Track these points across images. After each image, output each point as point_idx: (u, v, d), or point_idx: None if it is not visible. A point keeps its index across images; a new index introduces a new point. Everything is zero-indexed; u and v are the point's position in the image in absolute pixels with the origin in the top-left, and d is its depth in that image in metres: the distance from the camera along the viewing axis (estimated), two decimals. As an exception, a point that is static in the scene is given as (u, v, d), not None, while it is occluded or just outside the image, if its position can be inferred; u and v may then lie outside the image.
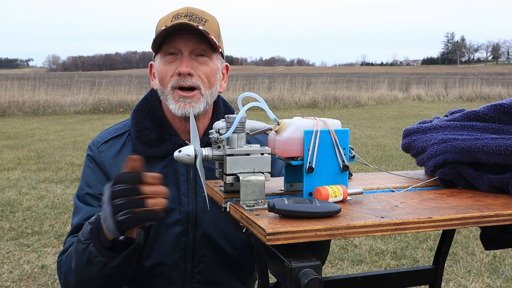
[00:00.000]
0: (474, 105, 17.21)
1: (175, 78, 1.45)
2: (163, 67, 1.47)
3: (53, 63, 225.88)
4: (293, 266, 0.80)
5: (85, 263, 1.26)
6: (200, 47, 1.45)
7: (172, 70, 1.45)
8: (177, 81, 1.45)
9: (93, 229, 1.26)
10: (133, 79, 20.66)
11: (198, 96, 1.46)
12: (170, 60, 1.46)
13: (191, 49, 1.45)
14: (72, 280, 1.33)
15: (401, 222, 0.88)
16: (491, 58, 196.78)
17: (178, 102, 1.46)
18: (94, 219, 1.28)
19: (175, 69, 1.45)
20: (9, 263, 3.91)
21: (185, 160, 1.08)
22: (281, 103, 17.80)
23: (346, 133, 1.03)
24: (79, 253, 1.27)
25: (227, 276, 1.56)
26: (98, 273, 1.26)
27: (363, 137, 10.49)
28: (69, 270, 1.33)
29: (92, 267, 1.25)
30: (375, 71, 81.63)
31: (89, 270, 1.27)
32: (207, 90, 1.48)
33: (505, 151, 1.07)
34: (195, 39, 1.44)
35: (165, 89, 1.48)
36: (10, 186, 6.21)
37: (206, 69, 1.47)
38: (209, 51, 1.47)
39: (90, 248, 1.24)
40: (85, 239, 1.26)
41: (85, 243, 1.25)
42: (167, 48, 1.45)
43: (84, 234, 1.27)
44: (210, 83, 1.49)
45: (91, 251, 1.24)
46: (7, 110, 15.04)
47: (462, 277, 3.70)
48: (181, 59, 1.45)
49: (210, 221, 1.50)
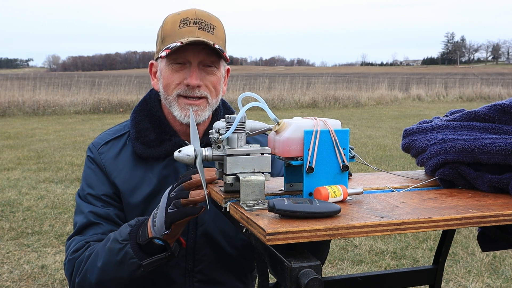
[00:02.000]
0: (474, 105, 17.22)
1: (183, 87, 1.45)
2: (170, 75, 1.46)
3: (53, 63, 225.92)
4: (293, 266, 0.80)
5: (117, 262, 1.27)
6: (210, 59, 1.46)
7: (179, 79, 1.45)
8: (184, 91, 1.45)
9: (132, 231, 1.28)
10: (133, 79, 20.66)
11: (205, 104, 1.48)
12: (178, 68, 1.46)
13: (201, 60, 1.45)
14: (92, 279, 1.33)
15: (401, 222, 0.88)
16: (491, 58, 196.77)
17: (184, 110, 1.46)
18: (134, 221, 1.31)
19: (182, 78, 1.45)
20: (9, 263, 3.91)
21: (185, 160, 1.08)
22: (281, 103, 17.80)
23: (346, 133, 1.02)
24: (113, 252, 1.28)
25: (228, 275, 1.57)
26: (127, 275, 1.27)
27: (363, 137, 10.49)
28: (92, 268, 1.33)
29: (124, 268, 1.27)
30: (375, 71, 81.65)
31: (119, 271, 1.28)
32: (213, 98, 1.50)
33: (505, 151, 1.07)
34: (205, 51, 1.44)
35: (169, 95, 1.47)
36: (10, 186, 6.21)
37: (213, 78, 1.48)
38: (217, 61, 1.48)
39: (127, 249, 1.26)
40: (123, 239, 1.28)
41: (122, 243, 1.27)
42: (176, 57, 1.44)
43: (123, 235, 1.29)
44: (216, 91, 1.50)
45: (128, 252, 1.26)
46: (7, 110, 15.04)
47: (462, 277, 3.70)
48: (190, 70, 1.44)
49: (210, 220, 1.50)
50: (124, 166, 1.51)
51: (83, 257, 1.38)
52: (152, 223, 1.24)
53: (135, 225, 1.30)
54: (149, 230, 1.24)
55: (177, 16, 1.47)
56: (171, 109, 1.48)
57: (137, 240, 1.26)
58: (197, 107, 1.46)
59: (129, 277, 1.28)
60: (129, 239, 1.27)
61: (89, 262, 1.35)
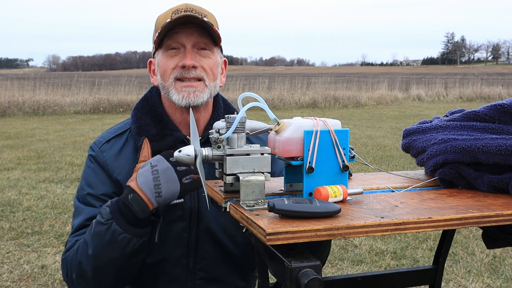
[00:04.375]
0: (474, 105, 17.22)
1: (178, 70, 1.46)
2: (165, 61, 1.48)
3: (53, 63, 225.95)
4: (293, 266, 0.80)
5: (107, 243, 1.29)
6: (203, 40, 1.47)
7: (174, 63, 1.47)
8: (180, 73, 1.46)
9: (113, 210, 1.30)
10: (133, 79, 20.65)
11: (203, 86, 1.48)
12: (173, 54, 1.47)
13: (194, 43, 1.46)
14: (88, 268, 1.34)
15: (401, 222, 0.88)
16: (491, 58, 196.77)
17: (182, 92, 1.47)
18: (110, 201, 1.33)
19: (178, 62, 1.46)
20: (9, 263, 3.91)
21: (185, 160, 1.09)
22: (281, 103, 17.80)
23: (346, 133, 1.03)
24: (100, 235, 1.30)
25: (229, 273, 1.58)
26: (119, 253, 1.30)
27: (363, 137, 10.49)
28: (84, 258, 1.34)
29: (114, 246, 1.29)
30: (375, 71, 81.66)
31: (110, 251, 1.30)
32: (211, 81, 1.50)
33: (505, 151, 1.07)
34: (197, 32, 1.46)
35: (166, 82, 1.48)
36: (10, 186, 6.21)
37: (209, 61, 1.49)
38: (210, 44, 1.49)
39: (114, 227, 1.28)
40: (106, 219, 1.30)
41: (107, 223, 1.29)
42: (170, 42, 1.47)
43: (104, 215, 1.31)
44: (214, 75, 1.51)
45: (115, 230, 1.28)
46: (7, 110, 15.04)
47: (462, 277, 3.70)
48: (185, 53, 1.46)
49: (212, 217, 1.51)
50: (127, 162, 1.51)
51: (73, 252, 1.40)
52: (153, 194, 1.26)
53: (113, 204, 1.32)
54: (148, 202, 1.27)
55: (169, 11, 1.50)
56: (169, 95, 1.49)
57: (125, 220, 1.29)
58: (194, 88, 1.46)
59: (122, 256, 1.30)
60: (112, 217, 1.29)
61: (80, 254, 1.36)
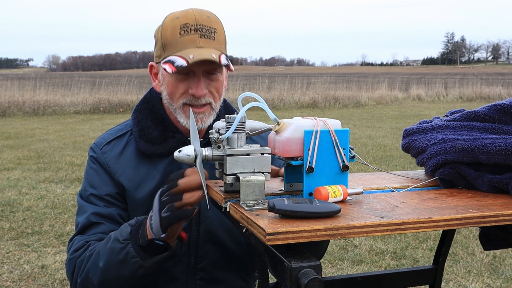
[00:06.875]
0: (474, 105, 17.22)
1: (188, 96, 1.45)
2: (174, 84, 1.46)
3: (53, 63, 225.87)
4: (293, 266, 0.80)
5: (119, 262, 1.28)
6: (213, 67, 1.45)
7: (183, 88, 1.45)
8: (190, 100, 1.45)
9: (133, 231, 1.28)
10: (133, 79, 20.65)
11: (209, 110, 1.48)
12: (182, 78, 1.45)
13: (204, 69, 1.45)
14: (95, 280, 1.33)
15: (401, 222, 0.88)
16: (491, 58, 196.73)
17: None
18: (134, 221, 1.32)
19: (187, 87, 1.45)
20: (9, 263, 3.91)
21: (185, 160, 1.09)
22: (281, 103, 17.80)
23: (346, 133, 1.03)
24: (114, 252, 1.29)
25: (230, 273, 1.57)
26: (129, 274, 1.28)
27: (363, 137, 10.49)
28: (94, 268, 1.34)
29: (125, 267, 1.27)
30: (375, 71, 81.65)
31: (121, 270, 1.29)
32: (217, 103, 1.50)
33: (505, 151, 1.07)
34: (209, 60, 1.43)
35: (174, 103, 1.48)
36: (10, 186, 6.22)
37: (216, 84, 1.48)
38: (220, 68, 1.47)
39: (129, 248, 1.27)
40: (124, 239, 1.28)
41: (124, 243, 1.28)
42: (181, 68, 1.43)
43: (124, 234, 1.29)
44: (219, 95, 1.51)
45: (129, 252, 1.26)
46: (7, 110, 15.04)
47: (462, 277, 3.70)
48: (195, 80, 1.44)
49: (213, 217, 1.51)
50: (128, 164, 1.51)
51: (84, 257, 1.38)
52: (150, 225, 1.24)
53: (135, 225, 1.30)
54: (148, 231, 1.25)
55: (176, 21, 1.44)
56: (176, 115, 1.49)
57: (137, 242, 1.26)
58: (202, 114, 1.47)
59: (131, 276, 1.29)
60: (130, 238, 1.28)
61: (91, 262, 1.35)
